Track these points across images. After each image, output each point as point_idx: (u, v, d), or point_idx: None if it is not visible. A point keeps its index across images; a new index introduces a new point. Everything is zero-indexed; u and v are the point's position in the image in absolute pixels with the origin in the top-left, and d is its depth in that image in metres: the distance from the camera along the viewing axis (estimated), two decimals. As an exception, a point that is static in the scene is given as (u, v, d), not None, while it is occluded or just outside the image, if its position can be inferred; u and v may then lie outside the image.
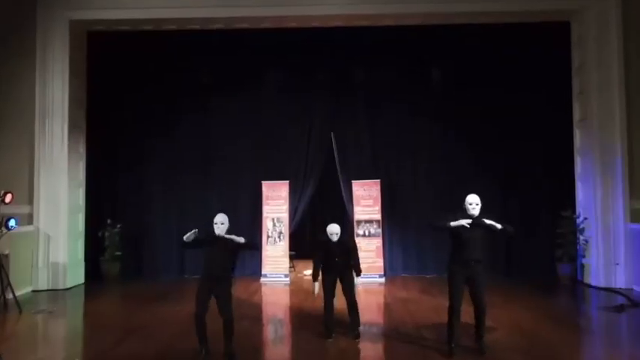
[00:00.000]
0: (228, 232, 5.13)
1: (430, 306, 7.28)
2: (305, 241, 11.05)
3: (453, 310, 5.07)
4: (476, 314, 5.16)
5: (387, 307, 7.49)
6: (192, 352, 5.15)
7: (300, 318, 6.79)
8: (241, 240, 5.09)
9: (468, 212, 5.05)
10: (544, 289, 8.44)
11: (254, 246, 5.89)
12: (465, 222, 4.96)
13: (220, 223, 5.09)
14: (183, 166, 10.02)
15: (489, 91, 9.72)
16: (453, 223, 4.99)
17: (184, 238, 4.96)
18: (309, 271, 9.88)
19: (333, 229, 5.75)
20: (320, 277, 5.80)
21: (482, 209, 5.12)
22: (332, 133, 10.07)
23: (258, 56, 9.87)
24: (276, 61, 9.92)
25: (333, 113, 10.05)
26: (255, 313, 7.10)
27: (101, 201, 9.88)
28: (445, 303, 7.13)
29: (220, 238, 5.07)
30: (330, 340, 5.60)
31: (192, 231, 4.96)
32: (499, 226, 4.99)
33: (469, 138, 9.81)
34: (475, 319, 5.18)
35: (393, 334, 5.93)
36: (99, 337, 6.00)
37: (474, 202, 5.06)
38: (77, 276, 9.23)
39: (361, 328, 5.81)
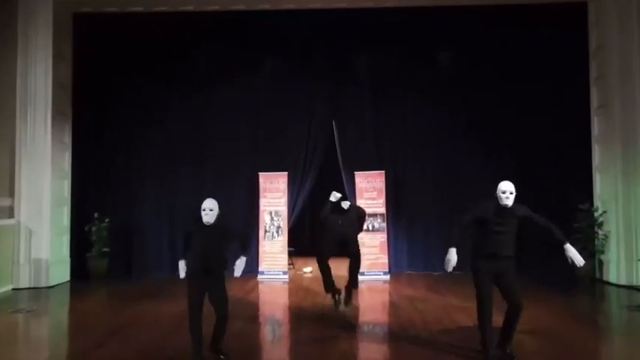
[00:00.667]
0: (219, 218, 4.59)
1: (440, 305, 6.83)
2: (305, 237, 10.57)
3: (484, 315, 4.44)
4: (508, 315, 4.49)
5: (393, 306, 7.03)
6: (181, 351, 4.73)
7: (299, 318, 6.36)
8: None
9: (501, 202, 4.40)
10: (562, 287, 7.99)
11: (245, 240, 5.15)
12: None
13: (209, 210, 4.54)
14: (176, 157, 9.54)
15: (498, 78, 9.27)
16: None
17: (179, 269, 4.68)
18: (308, 269, 9.45)
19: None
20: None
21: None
22: (333, 122, 9.59)
23: (255, 42, 9.41)
24: (274, 47, 9.44)
25: (334, 101, 9.58)
26: (251, 312, 6.65)
27: (88, 193, 9.40)
28: (456, 302, 6.83)
29: (211, 226, 4.55)
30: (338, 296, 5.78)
31: (182, 268, 4.65)
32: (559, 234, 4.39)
33: (477, 126, 9.35)
34: (506, 320, 4.52)
35: (402, 335, 5.43)
36: (82, 337, 5.58)
37: (507, 191, 4.39)
38: (62, 273, 8.76)
39: (365, 328, 5.29)
